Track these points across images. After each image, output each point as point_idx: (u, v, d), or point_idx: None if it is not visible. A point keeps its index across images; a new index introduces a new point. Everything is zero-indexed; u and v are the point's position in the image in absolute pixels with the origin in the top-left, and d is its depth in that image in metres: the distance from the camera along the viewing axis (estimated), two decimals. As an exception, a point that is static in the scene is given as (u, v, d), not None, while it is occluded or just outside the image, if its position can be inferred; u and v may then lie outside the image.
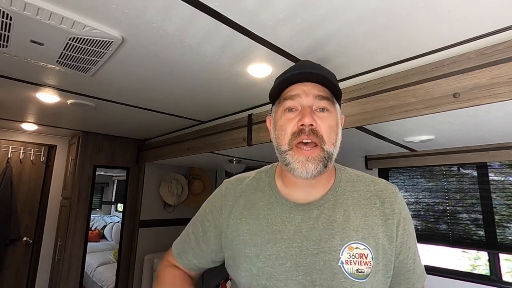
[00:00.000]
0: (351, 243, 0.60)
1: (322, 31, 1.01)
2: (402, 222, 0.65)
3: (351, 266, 0.58)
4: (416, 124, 1.40)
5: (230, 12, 0.93)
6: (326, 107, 0.63)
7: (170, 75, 1.43)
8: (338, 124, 0.66)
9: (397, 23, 0.96)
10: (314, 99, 0.62)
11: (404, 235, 0.64)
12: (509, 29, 0.96)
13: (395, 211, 0.64)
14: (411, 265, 0.65)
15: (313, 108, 0.63)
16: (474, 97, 1.07)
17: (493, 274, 1.90)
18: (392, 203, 0.65)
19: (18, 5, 0.89)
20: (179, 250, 0.80)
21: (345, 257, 0.59)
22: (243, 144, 1.93)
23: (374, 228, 0.62)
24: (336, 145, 0.64)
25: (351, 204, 0.65)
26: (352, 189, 0.68)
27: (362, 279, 0.58)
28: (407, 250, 0.65)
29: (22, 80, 1.55)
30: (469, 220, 2.05)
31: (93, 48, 1.14)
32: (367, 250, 0.60)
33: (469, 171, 2.09)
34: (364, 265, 0.59)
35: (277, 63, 1.26)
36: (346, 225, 0.62)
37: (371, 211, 0.64)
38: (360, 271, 0.58)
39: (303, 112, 0.62)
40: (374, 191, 0.67)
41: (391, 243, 0.62)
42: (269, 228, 0.65)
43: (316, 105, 0.63)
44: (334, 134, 0.63)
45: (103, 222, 5.74)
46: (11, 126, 2.75)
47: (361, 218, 0.63)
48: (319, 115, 0.62)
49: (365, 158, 2.48)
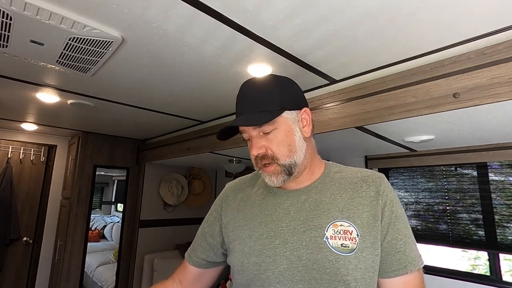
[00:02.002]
0: (335, 221, 0.65)
1: (322, 31, 1.01)
2: (389, 204, 0.67)
3: (335, 241, 0.63)
4: (416, 124, 1.40)
5: (230, 12, 0.93)
6: (267, 130, 0.68)
7: (170, 75, 1.43)
8: (289, 133, 0.69)
9: (397, 23, 0.96)
10: (255, 129, 0.68)
11: (392, 217, 0.66)
12: (509, 29, 0.96)
13: (380, 193, 0.67)
14: (401, 246, 0.65)
15: (261, 134, 0.68)
16: (474, 97, 1.07)
17: (493, 274, 1.90)
18: (377, 186, 0.68)
19: (18, 5, 0.89)
20: (189, 251, 0.87)
21: (330, 233, 0.64)
22: (243, 144, 1.93)
23: (360, 208, 0.66)
24: (291, 154, 0.68)
25: (338, 189, 0.70)
26: (339, 177, 0.73)
27: (347, 253, 0.62)
28: (395, 232, 0.66)
29: (22, 80, 1.55)
30: (469, 220, 2.05)
31: (93, 48, 1.14)
32: (352, 227, 0.64)
33: (469, 171, 2.09)
34: (349, 241, 0.62)
35: (277, 63, 1.26)
36: (331, 206, 0.67)
37: (357, 193, 0.68)
38: (344, 246, 0.62)
39: (251, 144, 0.70)
40: (361, 177, 0.71)
41: (376, 221, 0.65)
42: (262, 213, 0.73)
43: (258, 132, 0.69)
44: (284, 147, 0.68)
45: (103, 222, 5.74)
46: (11, 126, 2.75)
47: (347, 200, 0.68)
48: (267, 137, 0.68)
49: (365, 158, 2.48)
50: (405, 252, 0.65)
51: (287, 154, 0.68)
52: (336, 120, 1.47)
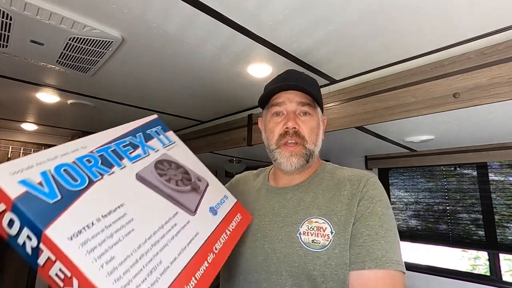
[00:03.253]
0: (311, 217, 0.67)
1: (322, 31, 1.01)
2: (366, 199, 0.66)
3: (307, 237, 0.65)
4: (416, 124, 1.40)
5: (230, 12, 0.93)
6: (308, 111, 0.73)
7: (170, 75, 1.43)
8: (319, 125, 0.76)
9: (397, 23, 0.96)
10: (297, 105, 0.73)
11: (365, 213, 0.64)
12: (509, 29, 0.96)
13: (360, 189, 0.67)
14: (364, 241, 0.61)
15: (297, 113, 0.73)
16: (474, 97, 1.07)
17: (493, 274, 1.90)
18: (360, 184, 0.68)
19: (18, 5, 0.89)
20: None
21: (303, 229, 0.66)
22: (243, 144, 1.93)
23: (338, 206, 0.67)
24: (317, 144, 0.75)
25: (322, 189, 0.72)
26: (328, 178, 0.75)
27: (317, 249, 0.63)
28: (362, 226, 0.63)
29: (22, 80, 1.55)
30: (469, 220, 2.05)
31: (93, 48, 1.14)
32: (326, 224, 0.65)
33: (469, 171, 2.10)
34: (321, 237, 0.64)
35: (277, 63, 1.26)
36: (311, 204, 0.70)
37: (339, 192, 0.69)
38: (315, 242, 0.63)
39: (288, 117, 0.73)
40: (348, 176, 0.72)
41: (351, 217, 0.65)
42: (253, 207, 0.77)
43: (299, 110, 0.73)
44: (314, 135, 0.74)
45: (103, 222, 5.74)
46: (11, 126, 2.75)
47: (327, 199, 0.69)
48: (302, 118, 0.73)
49: (365, 158, 2.48)
50: (367, 248, 0.60)
51: (314, 141, 0.74)
52: (336, 120, 1.47)
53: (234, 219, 0.66)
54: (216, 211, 0.63)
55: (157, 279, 0.43)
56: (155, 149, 0.62)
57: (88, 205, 0.43)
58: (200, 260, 0.52)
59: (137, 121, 0.64)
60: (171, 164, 0.63)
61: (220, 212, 0.64)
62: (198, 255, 0.52)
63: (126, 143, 0.58)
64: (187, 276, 0.48)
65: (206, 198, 0.63)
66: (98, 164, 0.50)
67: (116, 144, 0.56)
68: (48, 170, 0.43)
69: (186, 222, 0.55)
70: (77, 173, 0.46)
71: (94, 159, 0.50)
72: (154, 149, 0.62)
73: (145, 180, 0.54)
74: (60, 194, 0.42)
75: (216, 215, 0.62)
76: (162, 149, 0.63)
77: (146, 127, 0.65)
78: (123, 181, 0.51)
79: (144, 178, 0.54)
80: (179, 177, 0.62)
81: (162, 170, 0.59)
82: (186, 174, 0.64)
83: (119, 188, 0.50)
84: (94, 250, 0.39)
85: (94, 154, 0.51)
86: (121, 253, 0.42)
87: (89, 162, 0.49)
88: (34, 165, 0.43)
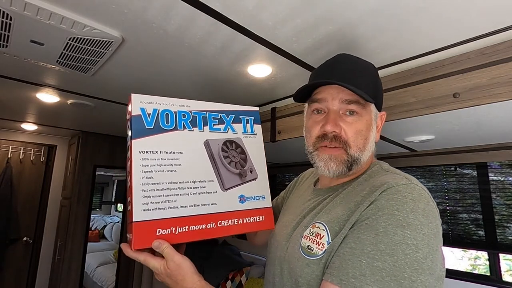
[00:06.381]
0: (316, 222, 0.62)
1: (322, 31, 1.01)
2: (371, 209, 0.53)
3: (305, 241, 0.61)
4: (416, 124, 1.40)
5: (230, 12, 0.93)
6: (355, 110, 0.61)
7: (170, 75, 1.43)
8: (369, 126, 0.64)
9: (397, 23, 0.96)
10: (341, 103, 0.62)
11: (362, 224, 0.53)
12: (509, 29, 0.96)
13: (372, 198, 0.55)
14: (344, 253, 0.52)
15: (341, 112, 0.62)
16: (474, 97, 1.07)
17: (493, 274, 1.90)
18: (376, 190, 0.55)
19: (18, 5, 0.89)
20: None
21: (306, 232, 0.62)
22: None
23: (344, 214, 0.58)
24: (364, 149, 0.63)
25: (346, 195, 0.62)
26: (362, 184, 0.63)
27: (309, 256, 0.58)
28: (351, 237, 0.53)
29: (22, 80, 1.55)
30: (469, 220, 2.05)
31: (93, 48, 1.14)
32: (325, 232, 0.58)
33: (469, 171, 2.09)
34: (316, 245, 0.58)
35: (277, 63, 1.26)
36: (325, 209, 0.64)
37: (354, 199, 0.58)
38: (309, 248, 0.59)
39: (327, 117, 0.62)
40: (378, 184, 0.58)
41: (347, 226, 0.56)
42: (294, 204, 0.79)
43: (343, 108, 0.62)
44: (362, 138, 0.62)
45: (103, 222, 5.74)
46: (11, 126, 2.75)
47: (342, 206, 0.60)
48: (347, 119, 0.62)
49: (365, 158, 2.48)
50: (341, 261, 0.51)
51: (360, 146, 0.62)
52: (336, 120, 1.47)
53: (255, 217, 0.73)
54: (244, 201, 0.73)
55: (165, 208, 0.62)
56: (235, 131, 0.77)
57: (162, 140, 0.65)
58: (201, 221, 0.65)
59: (240, 106, 0.80)
60: (238, 148, 0.75)
61: (247, 203, 0.73)
62: (203, 217, 0.66)
63: (217, 117, 0.75)
64: (183, 222, 0.63)
65: (243, 187, 0.73)
66: (187, 121, 0.70)
67: (209, 114, 0.75)
68: (158, 109, 0.67)
69: (213, 191, 0.68)
70: (172, 119, 0.68)
71: (188, 116, 0.71)
72: (234, 131, 0.76)
73: (208, 147, 0.71)
74: (154, 125, 0.65)
75: (242, 203, 0.72)
76: (240, 134, 0.77)
77: (243, 113, 0.80)
78: (194, 139, 0.69)
79: (208, 145, 0.71)
80: (236, 160, 0.74)
81: (227, 147, 0.74)
82: (244, 161, 0.75)
83: (188, 142, 0.68)
84: (146, 166, 0.62)
85: (191, 113, 0.71)
86: (158, 178, 0.62)
87: (183, 116, 0.70)
88: (155, 103, 0.67)
